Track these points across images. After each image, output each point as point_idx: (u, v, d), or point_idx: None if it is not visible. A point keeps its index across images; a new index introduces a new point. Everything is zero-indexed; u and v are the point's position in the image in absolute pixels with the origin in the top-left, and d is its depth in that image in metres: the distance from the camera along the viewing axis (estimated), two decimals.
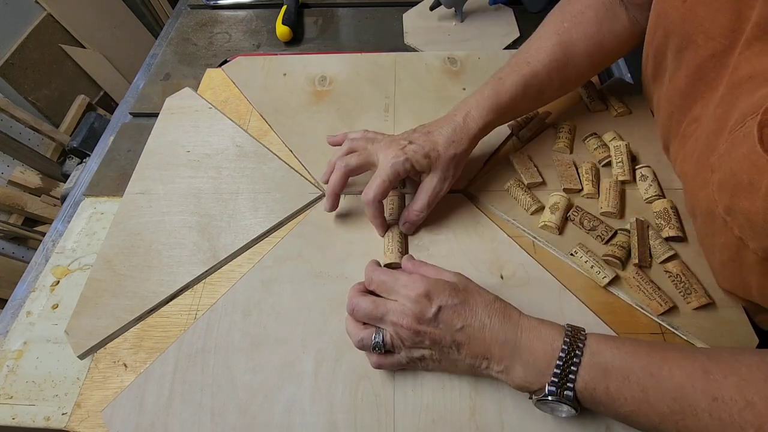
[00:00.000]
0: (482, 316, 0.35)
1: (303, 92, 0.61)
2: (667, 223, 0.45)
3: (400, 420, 0.37)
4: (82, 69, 1.56)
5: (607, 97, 0.57)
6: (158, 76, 0.68)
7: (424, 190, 0.45)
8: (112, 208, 0.53)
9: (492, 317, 0.35)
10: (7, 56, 1.33)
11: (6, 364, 0.42)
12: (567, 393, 0.32)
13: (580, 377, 0.31)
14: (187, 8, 0.80)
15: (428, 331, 0.34)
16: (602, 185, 0.49)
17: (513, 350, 0.34)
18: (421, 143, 0.44)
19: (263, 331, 0.42)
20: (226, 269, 0.46)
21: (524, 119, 0.55)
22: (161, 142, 0.56)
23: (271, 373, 0.40)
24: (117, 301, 0.44)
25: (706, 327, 0.40)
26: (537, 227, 0.47)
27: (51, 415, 0.39)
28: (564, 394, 0.32)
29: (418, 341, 0.35)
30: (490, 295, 0.36)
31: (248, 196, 0.51)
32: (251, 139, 0.56)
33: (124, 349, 0.42)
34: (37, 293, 0.47)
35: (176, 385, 0.39)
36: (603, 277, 0.42)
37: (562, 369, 0.32)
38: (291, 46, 0.73)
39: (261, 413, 0.38)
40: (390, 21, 0.76)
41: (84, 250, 0.50)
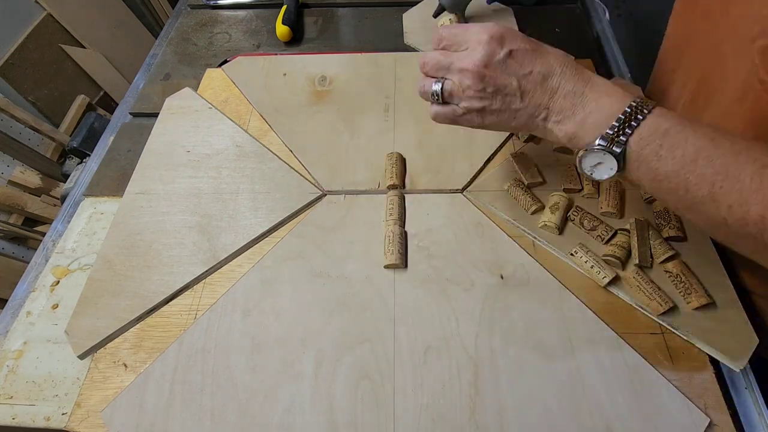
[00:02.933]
0: (554, 64, 0.34)
1: (303, 92, 0.61)
2: (667, 223, 0.45)
3: (400, 420, 0.37)
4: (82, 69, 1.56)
5: None
6: (158, 76, 0.68)
7: None
8: (112, 208, 0.53)
9: (564, 67, 0.34)
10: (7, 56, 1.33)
11: (6, 364, 0.42)
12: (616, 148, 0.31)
13: (637, 132, 0.31)
14: (187, 8, 0.80)
15: (494, 75, 0.34)
16: (602, 185, 0.49)
17: (577, 101, 0.33)
18: None
19: (263, 331, 0.42)
20: (226, 269, 0.46)
21: None
22: (161, 142, 0.56)
23: (271, 373, 0.40)
24: (117, 301, 0.44)
25: (706, 327, 0.40)
26: (537, 227, 0.47)
27: (51, 415, 0.39)
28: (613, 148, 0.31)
29: (481, 88, 0.34)
30: (562, 51, 0.35)
31: (248, 196, 0.51)
32: (251, 139, 0.56)
33: (124, 349, 0.42)
34: (37, 293, 0.47)
35: (176, 385, 0.39)
36: (603, 277, 0.42)
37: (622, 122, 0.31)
38: (291, 46, 0.73)
39: (261, 413, 0.38)
40: (390, 21, 0.76)
41: (84, 250, 0.50)
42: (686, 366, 0.39)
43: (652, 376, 0.38)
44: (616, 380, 0.38)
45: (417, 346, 0.40)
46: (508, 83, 0.34)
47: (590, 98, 0.33)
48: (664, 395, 0.37)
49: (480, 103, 0.35)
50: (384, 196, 0.50)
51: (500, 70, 0.34)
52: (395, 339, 0.41)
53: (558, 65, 0.34)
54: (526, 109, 0.35)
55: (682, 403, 0.37)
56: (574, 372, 0.39)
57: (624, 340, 0.40)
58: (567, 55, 0.35)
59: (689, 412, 0.36)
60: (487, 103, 0.35)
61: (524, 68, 0.34)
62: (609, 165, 0.32)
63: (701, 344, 0.40)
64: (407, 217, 0.49)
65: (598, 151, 0.32)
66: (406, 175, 0.52)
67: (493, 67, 0.34)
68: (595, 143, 0.32)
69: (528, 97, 0.34)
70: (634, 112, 0.31)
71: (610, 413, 0.37)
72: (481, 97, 0.35)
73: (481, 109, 0.36)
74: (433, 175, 0.52)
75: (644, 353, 0.39)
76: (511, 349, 0.40)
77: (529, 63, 0.34)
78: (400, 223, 0.48)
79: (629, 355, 0.39)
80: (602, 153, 0.32)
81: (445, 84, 0.36)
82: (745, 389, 0.40)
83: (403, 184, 0.51)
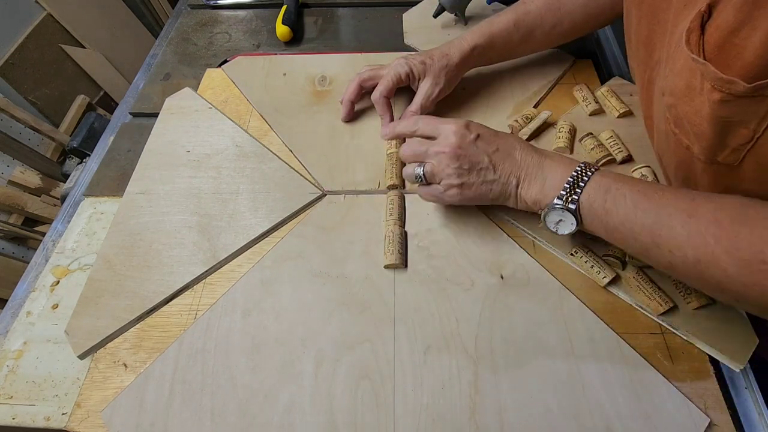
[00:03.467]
0: (513, 142, 0.42)
1: (303, 92, 0.61)
2: None
3: (400, 420, 0.37)
4: (82, 69, 1.56)
5: (608, 97, 0.56)
6: (158, 76, 0.68)
7: (419, 93, 0.54)
8: (112, 208, 0.53)
9: (521, 143, 0.42)
10: (7, 56, 1.33)
11: (6, 364, 0.42)
12: (571, 205, 0.37)
13: (585, 191, 0.37)
14: (187, 8, 0.80)
15: (467, 154, 0.41)
16: None
17: (538, 170, 0.40)
18: (420, 55, 0.54)
19: (263, 331, 0.42)
20: (226, 269, 0.46)
21: (524, 119, 0.55)
22: (161, 142, 0.56)
23: (271, 373, 0.40)
24: (117, 301, 0.44)
25: (706, 327, 0.40)
26: (537, 227, 0.47)
27: (51, 415, 0.39)
28: (568, 205, 0.37)
29: (457, 165, 0.41)
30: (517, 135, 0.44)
31: (248, 196, 0.51)
32: (251, 139, 0.56)
33: (124, 349, 0.42)
34: (37, 293, 0.47)
35: (176, 385, 0.39)
36: (603, 277, 0.42)
37: (571, 184, 0.37)
38: (291, 46, 0.73)
39: (261, 413, 0.38)
40: (390, 21, 0.76)
41: (84, 250, 0.50)
42: (686, 366, 0.39)
43: (652, 376, 0.38)
44: (616, 380, 0.38)
45: (417, 346, 0.40)
46: (481, 159, 0.41)
47: (547, 166, 0.40)
48: (664, 395, 0.37)
49: (458, 179, 0.41)
50: (384, 196, 0.50)
51: (472, 150, 0.41)
52: (395, 339, 0.41)
53: (517, 143, 0.42)
54: (499, 180, 0.41)
55: (682, 403, 0.37)
56: (574, 372, 0.39)
57: (624, 340, 0.40)
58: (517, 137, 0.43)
59: (689, 412, 0.36)
60: (465, 179, 0.41)
61: (491, 146, 0.41)
62: (569, 221, 0.38)
63: (701, 344, 0.40)
64: (407, 217, 0.49)
65: (558, 209, 0.38)
66: None
67: (465, 148, 0.41)
68: (553, 202, 0.38)
69: (499, 168, 0.41)
70: (581, 175, 0.38)
71: (610, 413, 0.37)
72: (459, 174, 0.41)
73: (460, 184, 0.41)
74: None
75: (644, 353, 0.40)
76: (511, 349, 0.40)
77: (494, 142, 0.41)
78: (400, 223, 0.48)
79: (629, 355, 0.39)
80: (561, 210, 0.38)
81: (425, 167, 0.43)
82: (745, 389, 0.40)
83: (403, 184, 0.51)
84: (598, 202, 0.37)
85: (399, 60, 0.54)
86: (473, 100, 0.59)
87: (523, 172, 0.40)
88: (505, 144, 0.41)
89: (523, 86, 0.60)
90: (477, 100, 0.59)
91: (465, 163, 0.41)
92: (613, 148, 0.51)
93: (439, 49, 0.54)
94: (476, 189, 0.41)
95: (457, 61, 0.53)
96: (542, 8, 0.54)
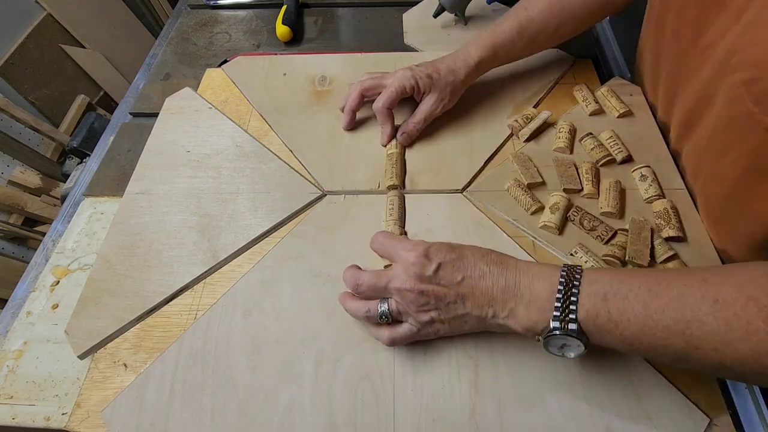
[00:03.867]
0: (481, 266, 0.35)
1: (303, 92, 0.61)
2: (667, 223, 0.45)
3: (400, 420, 0.37)
4: (82, 69, 1.56)
5: (608, 97, 0.56)
6: (158, 76, 0.68)
7: (422, 107, 0.53)
8: (112, 208, 0.53)
9: (490, 265, 0.35)
10: (7, 56, 1.33)
11: (6, 364, 0.42)
12: (571, 326, 0.31)
13: (581, 306, 0.31)
14: (187, 8, 0.80)
15: (431, 289, 0.35)
16: (602, 185, 0.49)
17: (515, 292, 0.34)
18: (426, 68, 0.52)
19: (263, 331, 0.42)
20: (226, 269, 0.46)
21: (524, 119, 0.55)
22: (161, 142, 0.56)
23: (271, 373, 0.40)
24: (117, 301, 0.44)
25: None
26: (537, 227, 0.47)
27: (51, 415, 0.39)
28: (568, 327, 0.31)
29: (424, 302, 0.35)
30: (485, 249, 0.37)
31: (248, 196, 0.51)
32: (251, 139, 0.56)
33: (124, 349, 0.42)
34: (37, 293, 0.47)
35: (176, 385, 0.39)
36: None
37: (562, 301, 0.32)
38: (291, 46, 0.73)
39: (261, 413, 0.38)
40: (390, 21, 0.76)
41: (84, 250, 0.50)
42: None
43: (652, 376, 0.38)
44: (616, 380, 0.38)
45: (417, 346, 0.40)
46: (446, 293, 0.35)
47: (524, 286, 0.34)
48: (664, 395, 0.37)
49: (427, 315, 0.36)
50: (384, 196, 0.50)
51: (435, 283, 0.35)
52: None
53: (485, 264, 0.35)
54: (472, 313, 0.35)
55: (682, 403, 0.37)
56: (574, 372, 0.39)
57: None
58: (491, 251, 0.37)
59: (689, 412, 0.36)
60: (435, 314, 0.36)
61: (456, 276, 0.35)
62: (575, 344, 0.32)
63: None
64: (407, 217, 0.49)
65: (557, 336, 0.32)
66: (406, 175, 0.52)
67: (427, 281, 0.35)
68: (550, 327, 0.32)
69: (469, 301, 0.35)
70: (567, 287, 0.32)
71: (610, 413, 0.37)
72: (427, 310, 0.36)
73: (430, 321, 0.36)
74: (433, 175, 0.52)
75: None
76: (511, 349, 0.40)
77: (458, 271, 0.35)
78: (400, 224, 0.48)
79: (629, 354, 0.39)
80: (562, 336, 0.32)
81: (390, 303, 0.37)
82: (745, 389, 0.40)
83: (403, 184, 0.51)
84: (601, 315, 0.31)
85: (404, 71, 0.52)
86: (473, 101, 0.59)
87: (498, 300, 0.34)
88: (471, 270, 0.35)
89: (523, 86, 0.60)
90: (477, 101, 0.59)
91: (431, 299, 0.35)
92: (613, 148, 0.51)
93: (445, 62, 0.53)
94: (450, 324, 0.37)
95: (462, 78, 0.52)
96: (545, 13, 0.52)
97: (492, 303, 0.34)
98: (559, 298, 0.32)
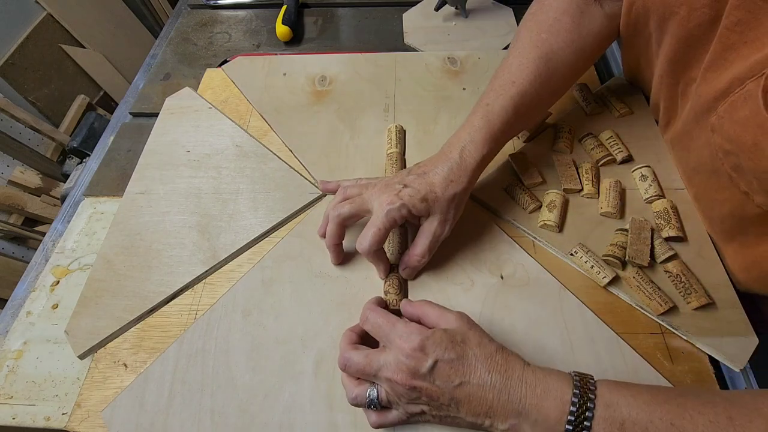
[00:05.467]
0: (482, 372, 0.32)
1: (303, 92, 0.61)
2: (667, 223, 0.45)
3: None
4: (82, 69, 1.56)
5: (607, 97, 0.56)
6: (158, 76, 0.68)
7: (424, 234, 0.42)
8: (112, 208, 0.53)
9: (492, 373, 0.31)
10: (7, 56, 1.33)
11: (6, 364, 0.42)
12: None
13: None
14: (187, 8, 0.80)
15: (424, 387, 0.32)
16: (602, 185, 0.49)
17: (519, 409, 0.31)
18: (417, 186, 0.40)
19: (263, 331, 0.42)
20: (226, 269, 0.46)
21: None
22: (161, 142, 0.56)
23: (271, 373, 0.40)
24: (117, 301, 0.44)
25: (706, 327, 0.40)
26: (537, 227, 0.47)
27: (51, 415, 0.39)
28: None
29: (415, 397, 0.32)
30: (491, 346, 0.33)
31: (248, 196, 0.51)
32: (251, 139, 0.56)
33: (124, 349, 0.42)
34: (37, 293, 0.47)
35: (176, 385, 0.39)
36: (603, 277, 0.42)
37: (574, 425, 0.29)
38: (291, 46, 0.73)
39: (261, 413, 0.38)
40: (390, 21, 0.76)
41: (84, 250, 0.50)
42: (686, 366, 0.39)
43: (651, 376, 0.38)
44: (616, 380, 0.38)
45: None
46: (440, 395, 0.32)
47: (530, 405, 0.30)
48: None
49: (418, 407, 0.33)
50: None
51: (429, 382, 0.32)
52: None
53: (486, 371, 0.32)
54: (465, 418, 0.32)
55: None
56: None
57: (624, 340, 0.40)
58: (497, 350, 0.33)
59: None
60: (426, 408, 0.33)
61: (453, 379, 0.31)
62: None
63: (701, 344, 0.40)
64: None
65: None
66: None
67: (420, 378, 0.32)
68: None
69: (464, 407, 0.32)
70: (581, 409, 0.29)
71: None
72: (418, 403, 0.33)
73: (420, 412, 0.33)
74: None
75: (644, 353, 0.39)
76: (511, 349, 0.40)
77: (456, 374, 0.32)
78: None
79: (629, 355, 0.39)
80: None
81: (379, 390, 0.34)
82: (745, 389, 0.40)
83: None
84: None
85: (390, 197, 0.40)
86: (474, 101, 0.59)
87: (497, 413, 0.31)
88: (470, 375, 0.31)
89: None
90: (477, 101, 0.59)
91: (423, 395, 0.32)
92: (613, 148, 0.51)
93: (439, 173, 0.41)
94: (441, 421, 0.34)
95: (465, 185, 0.42)
96: (535, 83, 0.44)
97: (490, 414, 0.31)
98: (571, 420, 0.29)
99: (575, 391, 0.30)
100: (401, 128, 0.56)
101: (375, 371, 0.33)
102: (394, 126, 0.55)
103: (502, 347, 0.34)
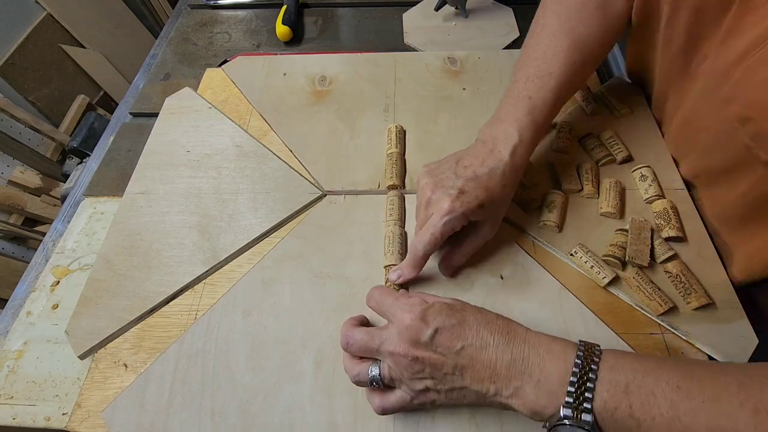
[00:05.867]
0: (483, 334, 0.31)
1: (303, 92, 0.61)
2: (667, 223, 0.45)
3: (400, 420, 0.37)
4: (82, 69, 1.56)
5: (608, 97, 0.56)
6: (158, 76, 0.68)
7: (476, 237, 0.42)
8: (112, 208, 0.53)
9: (494, 334, 0.31)
10: (7, 56, 1.33)
11: (6, 364, 0.42)
12: (584, 416, 0.27)
13: (597, 395, 0.28)
14: (187, 8, 0.80)
15: (426, 356, 0.31)
16: (602, 185, 0.49)
17: (522, 369, 0.30)
18: (475, 192, 0.40)
19: (263, 331, 0.42)
20: (226, 269, 0.46)
21: None
22: (161, 142, 0.56)
23: (271, 373, 0.40)
24: (117, 301, 0.44)
25: (706, 327, 0.40)
26: (537, 227, 0.47)
27: (51, 415, 0.39)
28: (581, 418, 0.27)
29: (418, 369, 0.32)
30: (490, 314, 0.33)
31: (248, 196, 0.51)
32: (251, 139, 0.56)
33: (124, 349, 0.42)
34: (37, 293, 0.47)
35: (176, 385, 0.39)
36: (603, 277, 0.42)
37: (576, 386, 0.28)
38: (291, 46, 0.73)
39: (261, 413, 0.38)
40: (390, 21, 0.76)
41: (84, 250, 0.50)
42: None
43: None
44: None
45: None
46: (443, 362, 0.31)
47: (533, 363, 0.30)
48: None
49: (421, 383, 0.32)
50: (384, 196, 0.50)
51: (431, 350, 0.31)
52: None
53: (488, 333, 0.31)
54: (470, 387, 0.31)
55: None
56: None
57: (624, 340, 0.40)
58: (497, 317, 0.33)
59: None
60: (430, 383, 0.32)
61: (455, 344, 0.31)
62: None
63: (701, 344, 0.40)
64: (407, 217, 0.49)
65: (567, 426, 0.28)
66: (406, 175, 0.52)
67: (422, 347, 0.31)
68: (560, 414, 0.28)
69: (468, 374, 0.31)
70: (584, 369, 0.28)
71: None
72: (421, 378, 0.32)
73: (425, 389, 0.33)
74: None
75: (644, 354, 0.39)
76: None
77: (458, 338, 0.31)
78: (400, 224, 0.48)
79: None
80: (573, 427, 0.28)
81: (381, 368, 0.33)
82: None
83: (403, 184, 0.51)
84: (621, 409, 0.27)
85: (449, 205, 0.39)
86: (474, 101, 0.59)
87: (501, 376, 0.30)
88: (472, 338, 0.31)
89: None
90: (477, 101, 0.59)
91: (426, 366, 0.31)
92: (613, 148, 0.51)
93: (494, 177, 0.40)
94: (447, 396, 0.33)
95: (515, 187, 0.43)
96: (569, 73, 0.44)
97: (494, 378, 0.31)
98: (573, 382, 0.28)
99: (579, 353, 0.30)
100: (401, 128, 0.56)
101: (377, 346, 0.33)
102: (394, 126, 0.55)
103: (501, 315, 0.33)
